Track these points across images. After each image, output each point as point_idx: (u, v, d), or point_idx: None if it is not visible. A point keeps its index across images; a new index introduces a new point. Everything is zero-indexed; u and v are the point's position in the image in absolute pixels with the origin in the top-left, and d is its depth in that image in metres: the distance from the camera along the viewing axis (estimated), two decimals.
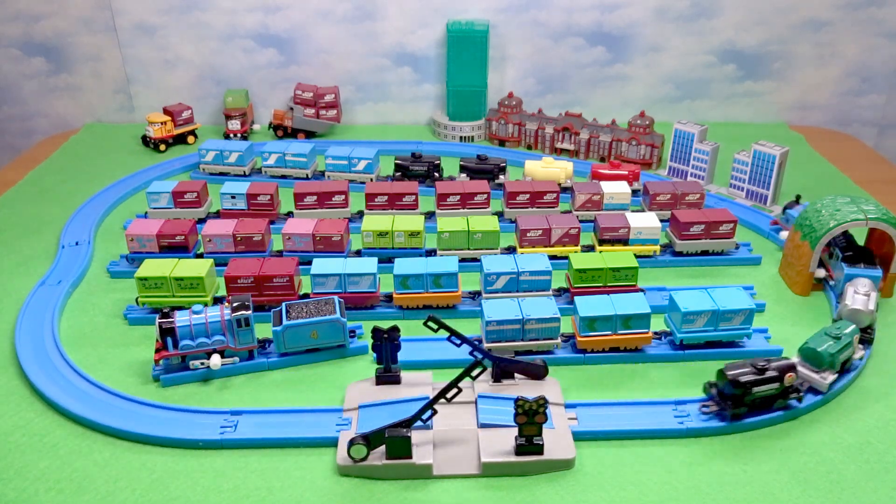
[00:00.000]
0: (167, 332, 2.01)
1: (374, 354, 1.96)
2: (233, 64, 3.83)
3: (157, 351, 2.03)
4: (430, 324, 1.86)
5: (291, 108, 3.71)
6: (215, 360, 2.02)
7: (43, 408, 1.94)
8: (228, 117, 3.71)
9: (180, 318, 2.02)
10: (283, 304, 2.14)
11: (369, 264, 2.30)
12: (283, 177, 3.14)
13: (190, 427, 1.85)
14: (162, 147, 3.58)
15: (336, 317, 2.09)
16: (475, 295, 2.37)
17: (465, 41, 3.59)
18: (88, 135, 3.82)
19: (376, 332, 1.92)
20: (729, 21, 3.68)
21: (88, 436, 1.85)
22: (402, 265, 2.28)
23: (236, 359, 2.06)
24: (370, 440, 1.71)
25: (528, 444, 1.73)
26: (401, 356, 1.97)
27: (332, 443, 1.82)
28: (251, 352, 2.10)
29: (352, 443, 1.71)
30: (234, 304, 2.04)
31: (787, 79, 3.83)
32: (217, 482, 1.71)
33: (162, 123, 3.56)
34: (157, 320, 2.01)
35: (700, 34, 3.71)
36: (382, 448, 1.74)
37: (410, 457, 1.72)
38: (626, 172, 2.93)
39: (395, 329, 1.92)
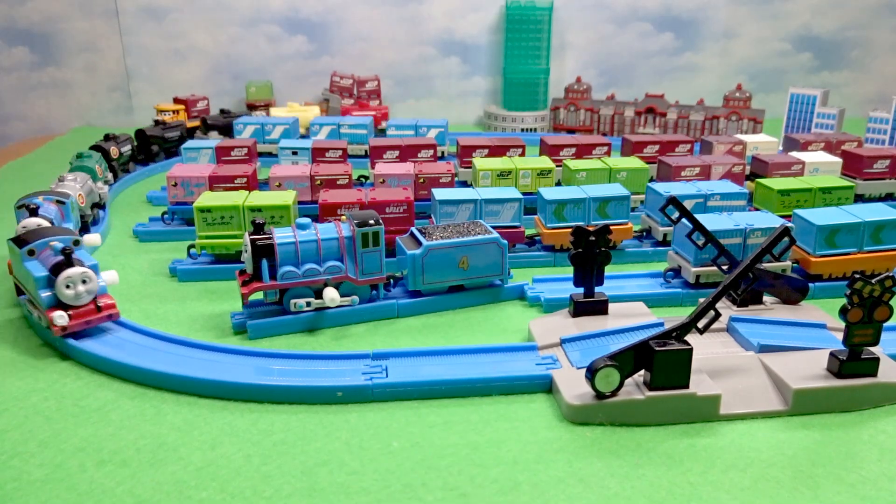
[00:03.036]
0: (262, 254, 1.37)
1: (574, 270, 1.36)
2: (254, 54, 3.32)
3: (244, 284, 1.39)
4: (669, 209, 1.30)
5: (326, 100, 3.19)
6: (331, 295, 1.39)
7: (70, 367, 1.27)
8: (252, 108, 3.17)
9: (281, 235, 1.40)
10: (412, 228, 1.54)
11: (511, 191, 1.73)
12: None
13: (318, 375, 1.20)
14: None
15: (495, 237, 1.49)
16: (645, 233, 1.81)
17: (526, 22, 3.18)
18: (79, 136, 3.19)
19: (579, 234, 1.33)
20: (805, 4, 3.38)
21: (149, 395, 1.19)
22: (554, 191, 1.73)
23: (355, 298, 1.43)
24: (622, 363, 1.10)
25: (856, 360, 1.14)
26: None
27: (538, 387, 1.19)
28: (374, 289, 1.47)
29: (595, 369, 1.09)
30: (358, 220, 1.43)
31: (866, 69, 3.53)
32: (378, 437, 1.06)
33: (174, 112, 2.98)
34: (248, 236, 1.38)
35: (775, 18, 3.40)
36: (638, 381, 1.13)
37: (687, 384, 1.11)
38: None
39: (605, 230, 1.34)
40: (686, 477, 1.00)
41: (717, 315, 1.17)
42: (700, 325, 1.16)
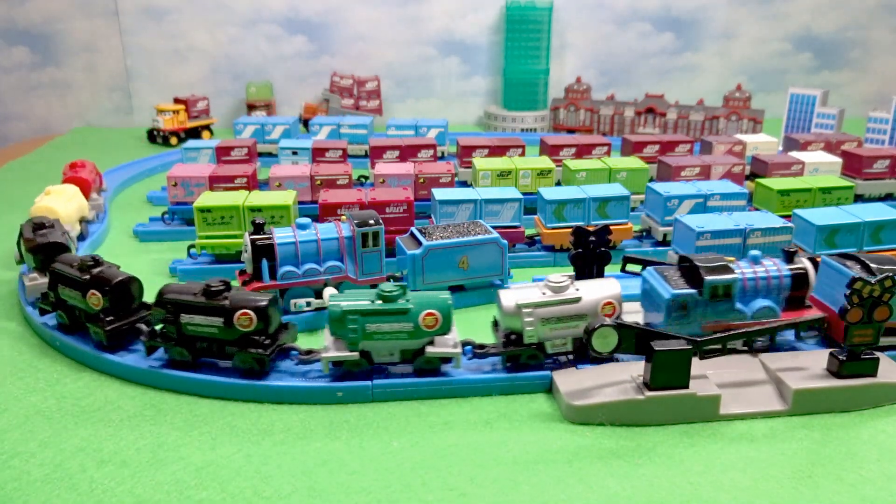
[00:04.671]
0: (262, 254, 1.38)
1: (574, 270, 1.36)
2: (254, 54, 3.32)
3: (244, 284, 1.39)
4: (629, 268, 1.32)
5: (327, 100, 3.19)
6: (332, 294, 1.39)
7: (70, 367, 1.28)
8: (252, 108, 3.18)
9: (281, 235, 1.40)
10: (412, 228, 1.54)
11: (511, 191, 1.73)
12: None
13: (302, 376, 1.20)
14: (173, 140, 2.99)
15: (495, 237, 1.49)
16: (645, 233, 1.81)
17: (526, 22, 3.18)
18: (78, 136, 3.20)
19: (579, 234, 1.33)
20: (805, 4, 3.39)
21: (149, 395, 1.19)
22: (554, 191, 1.73)
23: None
24: (623, 332, 1.10)
25: (856, 360, 1.14)
26: None
27: (537, 387, 1.20)
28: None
29: (593, 329, 1.09)
30: (358, 220, 1.43)
31: (866, 69, 3.53)
32: (378, 437, 1.07)
33: (174, 113, 2.98)
34: (248, 236, 1.39)
35: (775, 18, 3.41)
36: (638, 381, 1.13)
37: (687, 384, 1.11)
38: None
39: (605, 230, 1.34)
40: (686, 477, 1.00)
41: (725, 352, 1.17)
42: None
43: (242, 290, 1.21)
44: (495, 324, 1.27)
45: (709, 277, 1.20)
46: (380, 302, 1.16)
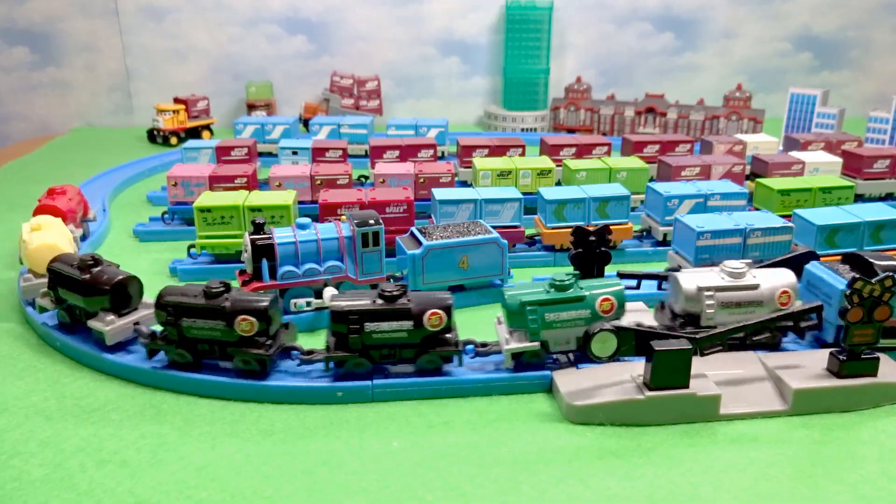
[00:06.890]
0: (262, 254, 1.37)
1: (574, 270, 1.36)
2: (254, 54, 3.32)
3: (244, 284, 1.39)
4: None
5: (327, 100, 3.19)
6: (332, 293, 1.39)
7: (70, 367, 1.28)
8: (252, 108, 3.18)
9: (281, 235, 1.40)
10: (413, 228, 1.54)
11: (511, 190, 1.73)
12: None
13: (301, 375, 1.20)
14: (173, 140, 2.99)
15: (495, 237, 1.49)
16: (645, 233, 1.81)
17: (526, 22, 3.18)
18: (79, 136, 3.20)
19: (579, 234, 1.33)
20: (805, 4, 3.39)
21: (149, 395, 1.19)
22: (554, 191, 1.73)
23: None
24: (622, 334, 1.10)
25: (856, 360, 1.14)
26: None
27: (537, 387, 1.20)
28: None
29: (593, 333, 1.09)
30: (358, 220, 1.43)
31: (866, 69, 3.53)
32: (378, 437, 1.07)
33: (174, 112, 2.98)
34: (248, 236, 1.39)
35: (775, 18, 3.40)
36: (638, 381, 1.13)
37: (687, 384, 1.11)
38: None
39: (605, 230, 1.34)
40: (686, 477, 1.00)
41: (723, 349, 1.17)
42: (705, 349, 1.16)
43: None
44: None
45: (883, 274, 1.20)
46: (554, 291, 1.16)
